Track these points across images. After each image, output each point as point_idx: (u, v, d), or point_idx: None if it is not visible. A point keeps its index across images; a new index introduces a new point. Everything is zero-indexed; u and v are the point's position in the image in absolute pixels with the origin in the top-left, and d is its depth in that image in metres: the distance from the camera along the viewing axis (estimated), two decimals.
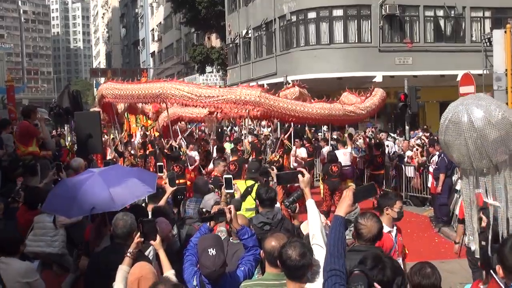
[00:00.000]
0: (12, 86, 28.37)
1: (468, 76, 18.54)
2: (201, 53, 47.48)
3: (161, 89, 14.99)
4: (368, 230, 5.07)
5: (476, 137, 4.37)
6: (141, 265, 4.62)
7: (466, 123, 4.45)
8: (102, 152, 15.42)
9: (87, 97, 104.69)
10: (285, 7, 32.01)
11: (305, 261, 4.16)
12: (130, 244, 5.24)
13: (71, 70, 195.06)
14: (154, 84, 16.08)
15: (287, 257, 4.16)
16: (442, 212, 14.31)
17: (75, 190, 6.35)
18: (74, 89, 20.77)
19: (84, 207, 6.21)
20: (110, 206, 6.14)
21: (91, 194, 6.25)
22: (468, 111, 4.51)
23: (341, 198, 4.26)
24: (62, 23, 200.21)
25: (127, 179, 6.54)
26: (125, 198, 6.30)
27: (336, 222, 4.07)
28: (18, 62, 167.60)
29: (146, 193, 6.78)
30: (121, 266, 4.91)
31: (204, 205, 7.56)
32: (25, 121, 11.96)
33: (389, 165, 18.44)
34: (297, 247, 4.18)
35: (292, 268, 4.18)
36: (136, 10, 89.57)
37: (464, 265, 9.09)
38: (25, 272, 5.76)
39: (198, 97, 14.53)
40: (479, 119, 4.45)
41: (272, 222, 6.61)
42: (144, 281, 4.41)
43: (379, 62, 29.72)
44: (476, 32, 31.80)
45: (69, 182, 7.05)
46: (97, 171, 6.77)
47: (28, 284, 5.70)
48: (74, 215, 6.66)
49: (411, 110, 23.65)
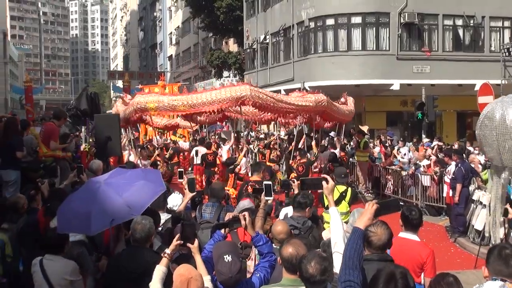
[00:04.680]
0: (31, 87, 28.71)
1: (487, 86, 18.43)
2: (218, 57, 47.56)
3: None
4: (378, 238, 4.96)
5: (505, 133, 4.39)
6: (188, 267, 4.61)
7: (498, 120, 4.48)
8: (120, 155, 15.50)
9: (104, 99, 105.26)
10: (303, 13, 32.00)
11: (326, 277, 4.17)
12: (148, 248, 5.29)
13: (88, 72, 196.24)
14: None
15: (309, 275, 4.17)
16: (458, 222, 14.21)
17: (88, 205, 6.21)
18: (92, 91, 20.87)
19: (103, 220, 6.08)
20: (129, 214, 6.04)
21: (106, 206, 6.15)
22: (503, 109, 4.53)
23: (363, 211, 4.28)
24: (80, 25, 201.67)
25: (135, 183, 6.46)
26: (140, 203, 6.20)
27: (354, 234, 4.09)
28: (37, 63, 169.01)
29: (159, 192, 6.65)
30: (158, 267, 4.91)
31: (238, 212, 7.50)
32: (51, 122, 12.12)
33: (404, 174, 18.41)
34: (318, 263, 4.17)
35: (315, 284, 4.19)
36: (154, 13, 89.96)
37: (480, 276, 9.02)
38: (72, 271, 5.97)
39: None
40: (511, 120, 4.49)
41: (301, 227, 6.65)
42: (194, 283, 4.40)
43: (397, 70, 29.61)
44: (495, 41, 31.60)
45: (78, 198, 6.73)
46: (103, 181, 6.60)
47: (71, 282, 5.84)
48: (96, 230, 6.41)
49: (428, 119, 23.63)
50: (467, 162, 15.02)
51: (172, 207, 8.22)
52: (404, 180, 18.49)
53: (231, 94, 14.58)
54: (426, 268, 5.83)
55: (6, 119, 12.12)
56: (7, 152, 10.86)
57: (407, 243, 5.69)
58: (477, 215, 13.32)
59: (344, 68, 29.46)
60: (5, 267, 6.98)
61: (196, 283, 4.42)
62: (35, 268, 6.00)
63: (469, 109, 28.36)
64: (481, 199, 13.34)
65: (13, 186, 10.88)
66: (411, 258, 5.62)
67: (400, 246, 5.16)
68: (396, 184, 18.92)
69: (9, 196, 9.89)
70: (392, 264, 4.84)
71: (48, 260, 5.99)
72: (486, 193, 13.09)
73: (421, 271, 5.75)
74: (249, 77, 40.35)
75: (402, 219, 6.13)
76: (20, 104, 50.04)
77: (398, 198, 6.51)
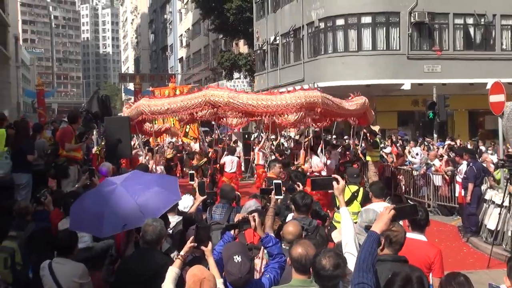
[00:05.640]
0: (42, 90, 28.93)
1: (498, 84, 18.24)
2: (228, 59, 47.60)
3: None
4: (401, 235, 5.03)
5: None
6: (200, 267, 4.63)
7: None
8: (131, 157, 15.56)
9: (115, 102, 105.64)
10: (313, 14, 31.99)
11: (338, 272, 4.16)
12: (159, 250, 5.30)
13: (100, 75, 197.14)
14: None
15: (321, 267, 4.16)
16: (470, 222, 14.13)
17: (102, 206, 6.15)
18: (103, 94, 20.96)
19: (116, 224, 5.99)
20: (141, 221, 5.90)
21: (120, 210, 6.06)
22: None
23: (379, 215, 4.27)
24: (92, 29, 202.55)
25: (151, 189, 6.35)
26: (153, 211, 6.06)
27: (370, 238, 4.09)
28: (49, 66, 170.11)
29: (173, 202, 6.65)
30: (171, 268, 4.90)
31: (245, 212, 7.50)
32: (68, 126, 12.26)
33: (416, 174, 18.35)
34: (332, 257, 4.17)
35: (325, 279, 4.18)
36: (164, 16, 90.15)
37: (493, 276, 8.98)
38: (82, 273, 6.04)
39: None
40: None
41: (308, 228, 6.66)
42: (207, 283, 4.42)
43: (408, 69, 29.55)
44: (506, 40, 31.47)
45: (92, 197, 6.69)
46: (119, 182, 6.48)
47: (81, 285, 5.88)
48: (107, 233, 6.35)
49: (440, 118, 23.54)
50: (478, 161, 14.94)
51: (183, 209, 8.22)
52: (416, 180, 18.42)
53: (305, 99, 14.71)
54: (434, 268, 5.81)
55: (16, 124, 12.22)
56: (19, 156, 10.96)
57: (414, 244, 5.67)
58: (490, 214, 13.26)
59: (355, 68, 29.43)
60: (15, 275, 7.00)
61: (209, 283, 4.43)
62: (44, 272, 6.03)
63: (480, 108, 28.23)
64: (493, 199, 13.28)
65: (24, 189, 10.99)
66: (419, 258, 5.60)
67: (407, 247, 5.15)
68: (408, 184, 18.85)
69: (20, 199, 9.97)
70: (406, 265, 4.84)
71: (57, 263, 6.03)
72: (498, 193, 13.03)
73: (429, 271, 5.72)
74: (260, 78, 40.41)
75: (409, 219, 6.11)
76: (32, 108, 50.45)
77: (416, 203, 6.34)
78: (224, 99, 15.16)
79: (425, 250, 5.94)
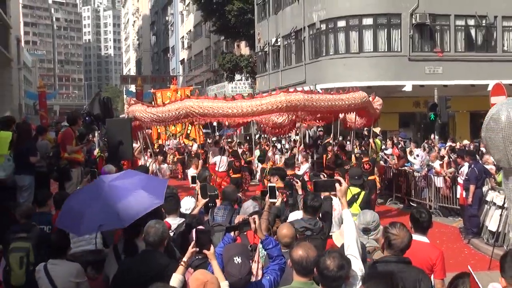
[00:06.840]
0: (44, 92, 28.96)
1: (500, 86, 18.32)
2: (230, 61, 47.60)
3: None
4: (400, 240, 5.02)
5: (511, 134, 4.35)
6: (203, 271, 4.66)
7: (504, 121, 4.44)
8: (132, 158, 15.57)
9: (116, 104, 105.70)
10: (314, 16, 32.00)
11: (342, 273, 4.18)
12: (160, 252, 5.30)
13: (101, 77, 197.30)
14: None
15: (325, 267, 4.18)
16: (472, 224, 14.13)
17: (84, 206, 6.16)
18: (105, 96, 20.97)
19: (91, 225, 6.02)
20: (117, 223, 5.99)
21: (98, 211, 6.05)
22: (508, 110, 4.49)
23: None
24: (93, 31, 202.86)
25: (135, 192, 6.25)
26: (131, 214, 5.99)
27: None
28: (50, 68, 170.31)
29: (153, 206, 6.36)
30: (175, 275, 4.93)
31: (244, 213, 7.52)
32: (68, 128, 12.29)
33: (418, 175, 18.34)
34: (336, 258, 4.20)
35: (329, 279, 4.19)
36: (166, 18, 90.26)
37: (494, 278, 8.96)
38: (77, 273, 6.08)
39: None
40: None
41: (314, 228, 6.68)
42: (210, 286, 4.44)
43: (409, 71, 29.54)
44: (508, 41, 31.44)
45: (80, 196, 6.78)
46: (108, 181, 6.43)
47: (77, 284, 5.90)
48: (83, 233, 6.44)
49: (441, 119, 23.51)
50: (480, 162, 14.94)
51: (185, 211, 8.23)
52: (417, 182, 18.42)
53: (286, 104, 13.22)
54: (435, 269, 5.82)
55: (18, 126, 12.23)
56: (21, 158, 10.97)
57: (417, 245, 5.67)
58: (491, 216, 13.25)
59: (356, 70, 29.41)
60: (28, 276, 6.99)
61: (212, 286, 4.45)
62: (39, 274, 6.07)
63: (482, 110, 28.00)
64: (494, 200, 13.28)
65: (27, 190, 11.00)
66: (421, 260, 5.61)
67: (410, 248, 5.17)
68: (409, 185, 18.84)
69: (22, 201, 9.99)
70: (410, 266, 4.86)
71: (52, 265, 6.06)
72: (500, 194, 13.03)
73: (430, 273, 5.74)
74: (261, 80, 40.42)
75: (412, 221, 6.12)
76: (34, 110, 50.45)
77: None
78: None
79: (427, 251, 5.94)
